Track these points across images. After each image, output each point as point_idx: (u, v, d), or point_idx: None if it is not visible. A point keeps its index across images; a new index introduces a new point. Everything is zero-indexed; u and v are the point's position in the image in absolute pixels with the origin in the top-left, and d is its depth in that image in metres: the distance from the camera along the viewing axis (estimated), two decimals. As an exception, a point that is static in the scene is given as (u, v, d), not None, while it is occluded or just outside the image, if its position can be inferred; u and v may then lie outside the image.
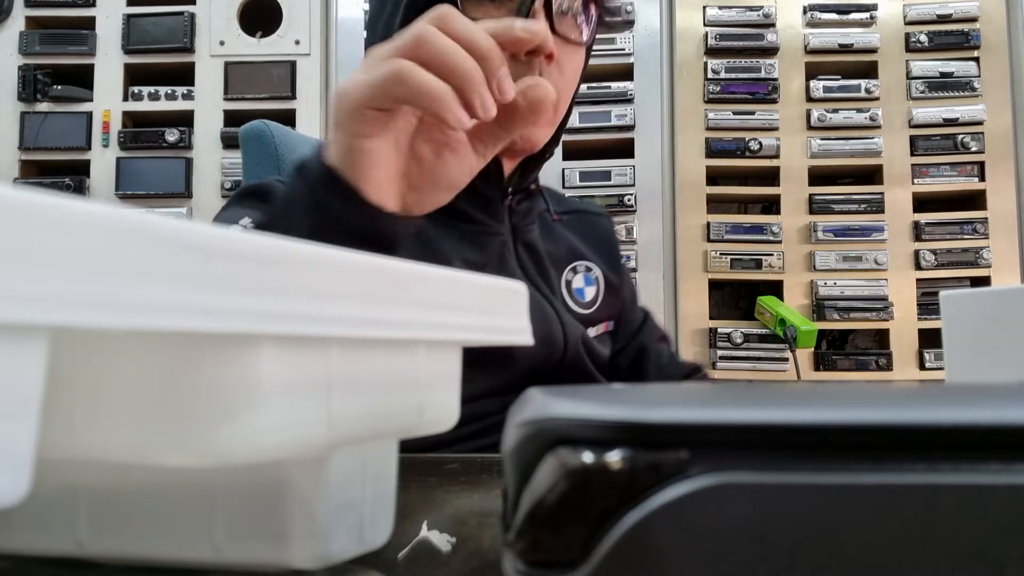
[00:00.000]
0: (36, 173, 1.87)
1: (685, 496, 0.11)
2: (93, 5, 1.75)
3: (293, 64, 1.63)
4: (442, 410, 0.20)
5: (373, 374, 0.17)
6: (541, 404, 0.13)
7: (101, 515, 0.17)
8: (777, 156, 1.60)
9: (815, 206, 1.60)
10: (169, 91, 1.66)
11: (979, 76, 1.59)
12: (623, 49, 1.66)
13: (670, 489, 0.11)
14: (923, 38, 1.60)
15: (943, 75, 1.59)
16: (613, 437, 0.11)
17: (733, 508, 0.11)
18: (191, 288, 0.12)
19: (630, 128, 1.59)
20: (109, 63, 1.79)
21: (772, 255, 1.59)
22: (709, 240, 1.54)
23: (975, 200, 1.62)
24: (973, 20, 1.60)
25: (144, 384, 0.14)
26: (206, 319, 0.12)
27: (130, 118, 1.74)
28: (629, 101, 1.60)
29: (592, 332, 0.54)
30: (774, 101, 1.64)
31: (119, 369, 0.14)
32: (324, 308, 0.14)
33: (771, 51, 1.74)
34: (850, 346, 1.77)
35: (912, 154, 1.59)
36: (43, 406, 0.14)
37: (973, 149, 1.59)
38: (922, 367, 1.66)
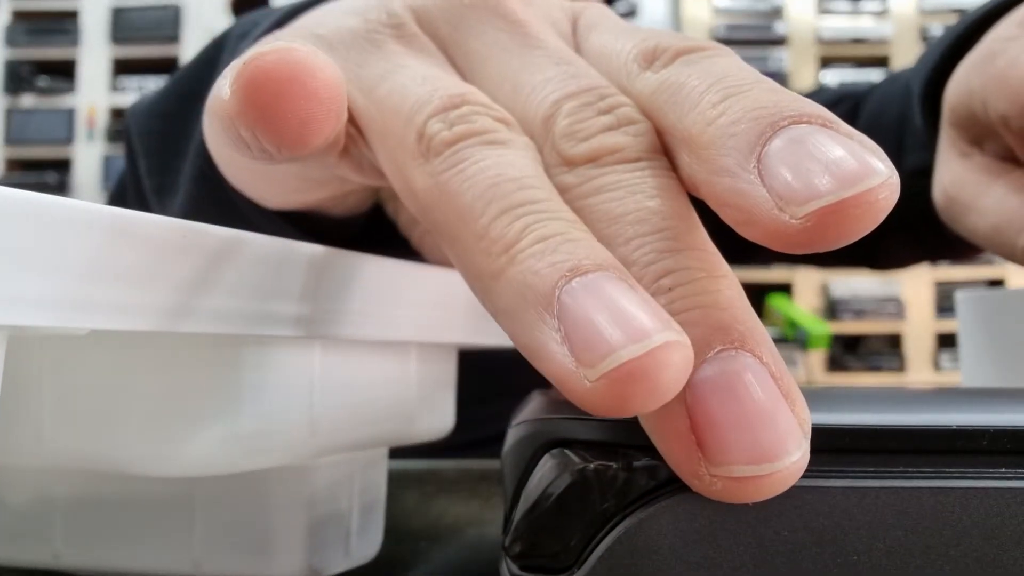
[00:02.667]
0: (20, 169, 1.88)
1: (683, 499, 0.10)
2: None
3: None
4: (435, 417, 0.19)
5: (360, 379, 0.16)
6: (539, 404, 0.13)
7: (77, 526, 0.17)
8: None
9: (827, 204, 1.60)
10: (156, 83, 1.68)
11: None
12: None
13: (668, 491, 0.10)
14: (938, 30, 1.59)
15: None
16: (612, 438, 0.11)
17: (732, 511, 0.10)
18: (164, 287, 0.11)
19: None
20: (95, 55, 1.79)
21: (782, 254, 1.59)
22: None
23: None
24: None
25: (116, 390, 0.13)
26: (181, 320, 0.11)
27: (116, 112, 1.75)
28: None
29: None
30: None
31: (89, 374, 0.13)
32: (307, 308, 0.14)
33: (780, 42, 1.73)
34: (863, 348, 1.76)
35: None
36: (5, 410, 0.14)
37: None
38: (937, 369, 1.65)
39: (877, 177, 0.10)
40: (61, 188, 1.83)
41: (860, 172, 0.10)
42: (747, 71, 0.12)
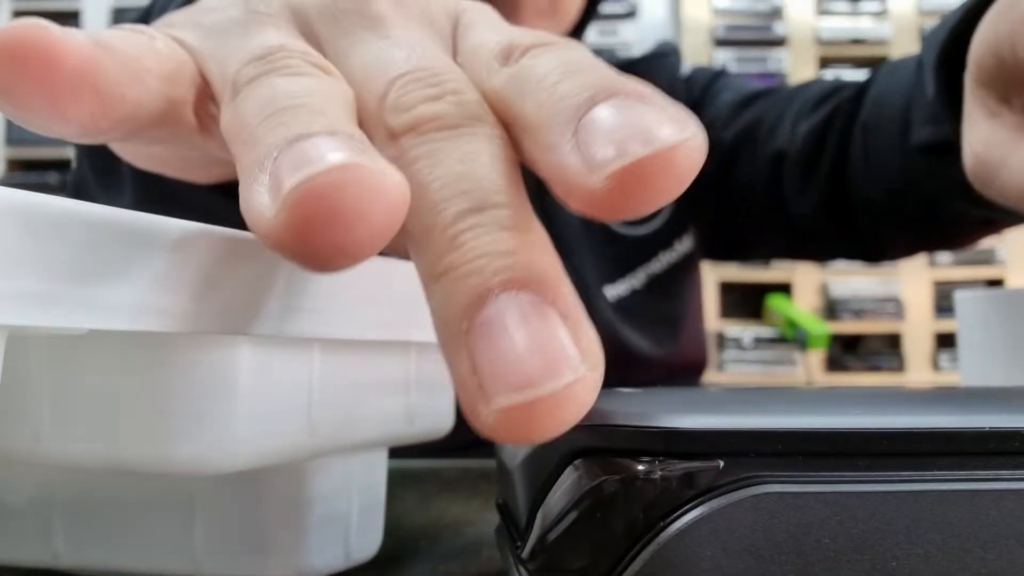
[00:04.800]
0: (22, 169, 1.88)
1: (722, 509, 0.10)
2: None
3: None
4: (435, 417, 0.19)
5: (359, 379, 0.16)
6: None
7: (77, 525, 0.17)
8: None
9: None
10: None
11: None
12: (628, 43, 1.65)
13: (704, 502, 0.10)
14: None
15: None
16: (640, 446, 0.11)
17: (773, 520, 0.10)
18: (161, 286, 0.11)
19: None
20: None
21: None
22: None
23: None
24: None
25: (113, 389, 0.13)
26: (178, 320, 0.11)
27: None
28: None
29: (665, 258, 0.49)
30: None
31: (87, 373, 0.13)
32: (306, 307, 0.14)
33: (780, 42, 1.72)
34: (862, 348, 1.75)
35: (925, 152, 1.59)
36: (4, 409, 0.14)
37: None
38: (936, 369, 1.64)
39: (676, 137, 0.10)
40: (63, 188, 1.83)
41: (664, 134, 0.10)
42: (588, 58, 0.12)
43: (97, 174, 0.33)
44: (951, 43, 0.27)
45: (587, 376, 0.10)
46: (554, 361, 0.10)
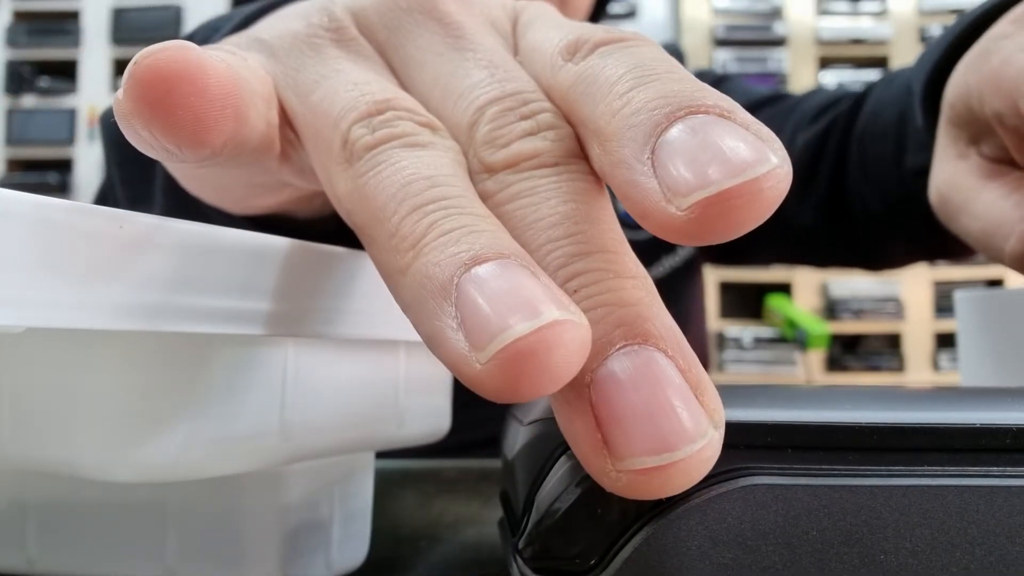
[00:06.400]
0: (21, 169, 1.89)
1: (711, 500, 0.10)
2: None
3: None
4: (428, 420, 0.18)
5: (339, 379, 0.15)
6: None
7: (51, 531, 0.16)
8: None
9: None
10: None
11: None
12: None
13: (694, 492, 0.10)
14: (937, 30, 1.59)
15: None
16: None
17: (762, 512, 0.10)
18: (119, 282, 0.11)
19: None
20: (95, 56, 1.79)
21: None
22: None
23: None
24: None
25: (72, 392, 0.13)
26: (136, 317, 0.11)
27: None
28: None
29: (668, 262, 0.50)
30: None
31: (45, 375, 0.13)
32: (279, 305, 0.13)
33: (780, 43, 1.72)
34: (862, 348, 1.75)
35: (925, 152, 1.59)
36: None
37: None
38: (936, 369, 1.64)
39: (763, 167, 0.10)
40: (63, 189, 1.83)
41: (746, 162, 0.10)
42: (661, 60, 0.12)
43: (126, 186, 0.33)
44: (937, 74, 0.27)
45: (716, 436, 0.10)
46: (687, 425, 0.10)
